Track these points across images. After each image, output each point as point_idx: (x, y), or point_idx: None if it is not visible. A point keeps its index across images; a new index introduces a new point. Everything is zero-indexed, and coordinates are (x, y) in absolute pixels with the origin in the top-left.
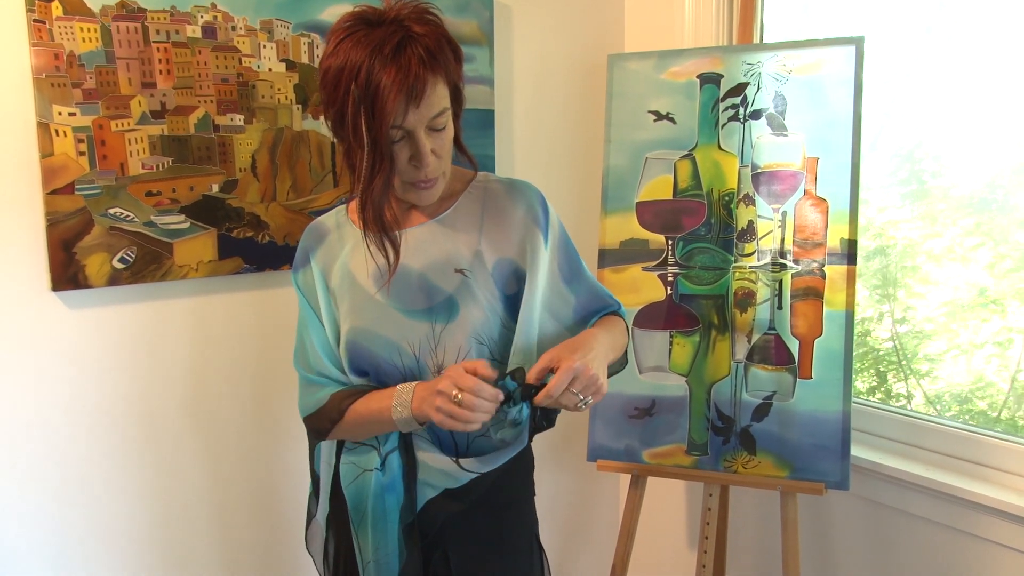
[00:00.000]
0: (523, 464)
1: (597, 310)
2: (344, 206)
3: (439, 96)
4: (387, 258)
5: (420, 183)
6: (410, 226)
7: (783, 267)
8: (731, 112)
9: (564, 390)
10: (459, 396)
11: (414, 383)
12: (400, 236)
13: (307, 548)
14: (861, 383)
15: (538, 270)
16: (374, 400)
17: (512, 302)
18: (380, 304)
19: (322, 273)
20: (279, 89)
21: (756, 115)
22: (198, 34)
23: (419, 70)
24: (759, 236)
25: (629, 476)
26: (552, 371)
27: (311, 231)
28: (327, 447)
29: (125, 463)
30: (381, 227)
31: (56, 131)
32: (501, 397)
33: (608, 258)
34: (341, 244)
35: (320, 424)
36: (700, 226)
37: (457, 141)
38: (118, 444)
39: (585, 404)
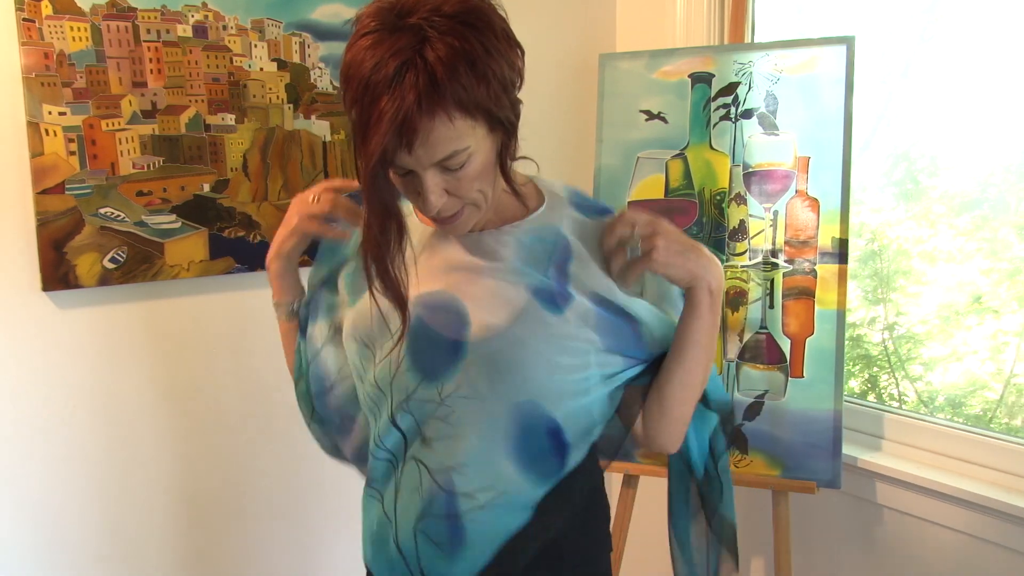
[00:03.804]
0: (597, 512)
1: None
2: None
3: (449, 136)
4: (401, 317)
5: (436, 220)
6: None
7: (775, 266)
8: (722, 111)
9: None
10: (319, 198)
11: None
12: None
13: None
14: (854, 385)
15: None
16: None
17: None
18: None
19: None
20: (270, 88)
21: (747, 114)
22: (189, 33)
23: (412, 109)
24: (751, 235)
25: (622, 475)
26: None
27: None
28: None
29: (117, 463)
30: (388, 288)
31: (46, 130)
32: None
33: None
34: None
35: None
36: (692, 225)
37: (505, 176)
38: (109, 444)
39: (634, 246)
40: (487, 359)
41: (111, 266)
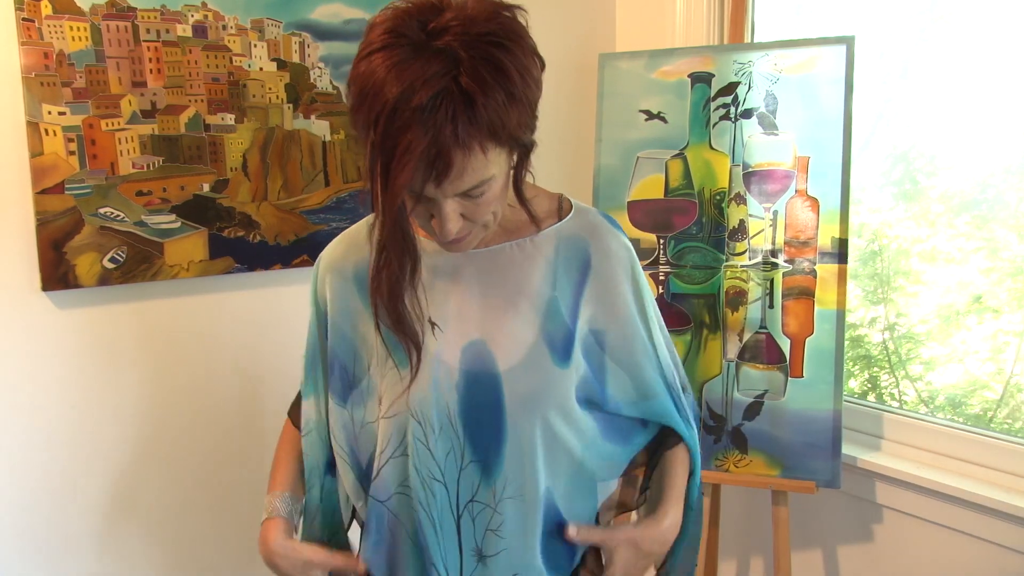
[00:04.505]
0: None
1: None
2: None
3: (477, 168)
4: (410, 356)
5: (443, 242)
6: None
7: (774, 266)
8: (722, 111)
9: None
10: None
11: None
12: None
13: None
14: (853, 385)
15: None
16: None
17: None
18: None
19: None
20: (270, 88)
21: (747, 114)
22: (189, 33)
23: (449, 144)
24: (750, 235)
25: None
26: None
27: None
28: None
29: (115, 463)
30: (402, 328)
31: (46, 130)
32: None
33: None
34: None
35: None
36: (691, 225)
37: (517, 192)
38: (108, 444)
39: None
40: (521, 405)
41: (111, 266)
